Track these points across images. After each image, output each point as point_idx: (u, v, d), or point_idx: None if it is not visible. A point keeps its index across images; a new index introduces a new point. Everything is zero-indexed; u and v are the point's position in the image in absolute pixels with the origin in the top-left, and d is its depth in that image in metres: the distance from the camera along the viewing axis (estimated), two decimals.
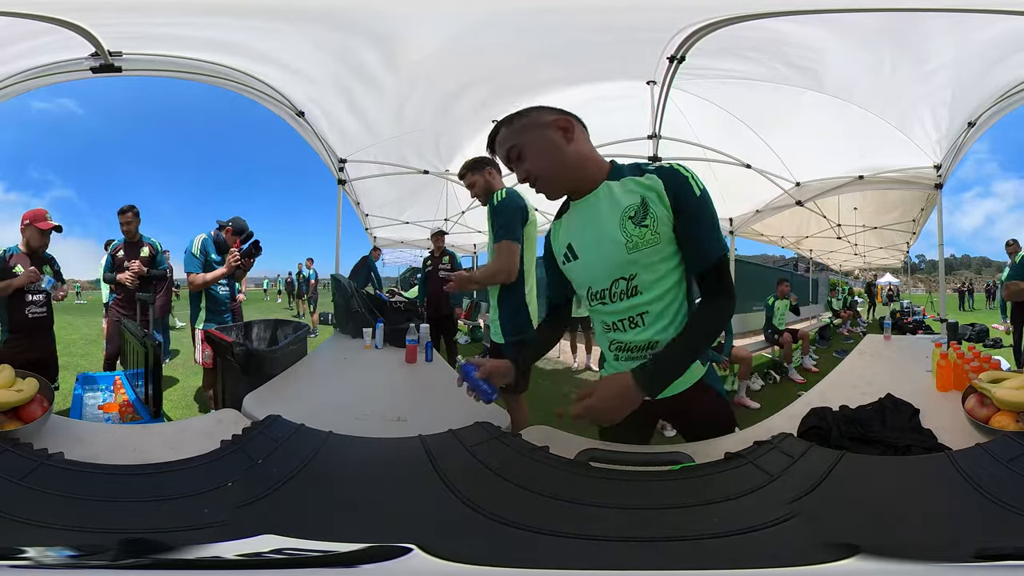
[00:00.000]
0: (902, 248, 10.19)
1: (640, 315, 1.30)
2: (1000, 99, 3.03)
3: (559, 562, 0.85)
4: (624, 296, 1.29)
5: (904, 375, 2.51)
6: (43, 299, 3.31)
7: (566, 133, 1.30)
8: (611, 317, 1.34)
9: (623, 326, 1.32)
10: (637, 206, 1.24)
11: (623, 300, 1.30)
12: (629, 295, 1.29)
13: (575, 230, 1.37)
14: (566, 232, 1.40)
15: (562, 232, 1.42)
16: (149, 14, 2.39)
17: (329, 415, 1.57)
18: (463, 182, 2.70)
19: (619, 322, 1.32)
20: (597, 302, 1.35)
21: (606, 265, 1.30)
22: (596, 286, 1.33)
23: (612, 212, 1.27)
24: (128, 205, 4.04)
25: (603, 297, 1.32)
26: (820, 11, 2.31)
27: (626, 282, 1.28)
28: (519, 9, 2.49)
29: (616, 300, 1.30)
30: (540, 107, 1.34)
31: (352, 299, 3.82)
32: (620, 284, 1.29)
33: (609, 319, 1.34)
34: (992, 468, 1.05)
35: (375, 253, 7.33)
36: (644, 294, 1.28)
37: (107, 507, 1.01)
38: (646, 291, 1.28)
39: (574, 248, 1.37)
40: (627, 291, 1.29)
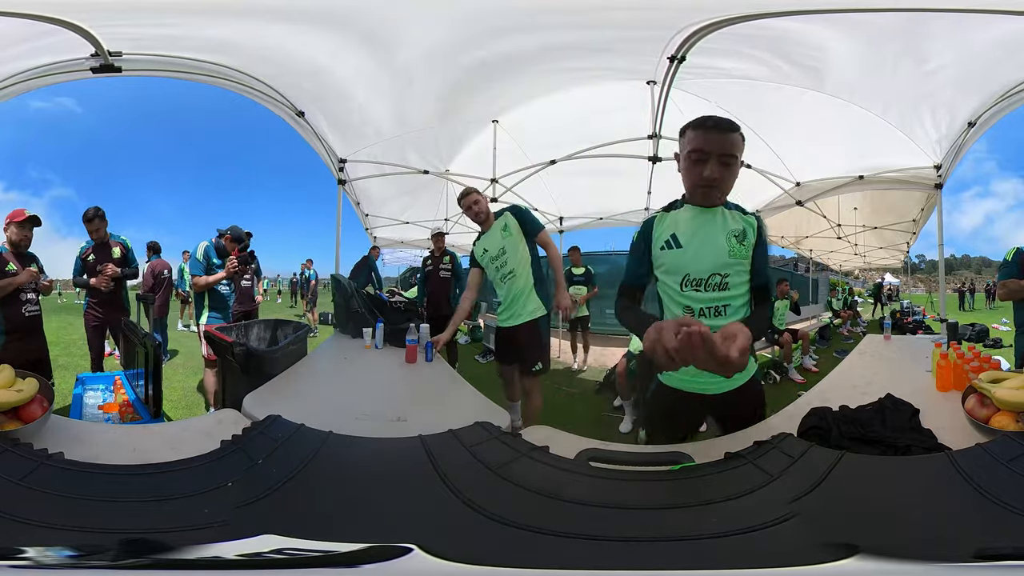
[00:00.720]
0: (902, 248, 10.19)
1: (724, 306, 1.62)
2: (1000, 99, 3.03)
3: (559, 562, 0.85)
4: (716, 289, 1.62)
5: (904, 375, 2.51)
6: (36, 297, 3.31)
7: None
8: (701, 304, 1.63)
9: (709, 313, 1.61)
10: (741, 230, 1.64)
11: (715, 291, 1.61)
12: (720, 288, 1.61)
13: (686, 227, 1.66)
14: (672, 224, 1.69)
15: (668, 223, 1.70)
16: (149, 14, 2.39)
17: (329, 415, 1.57)
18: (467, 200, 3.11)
19: (707, 309, 1.62)
20: (692, 289, 1.63)
21: (711, 261, 1.62)
22: (694, 275, 1.63)
23: (724, 227, 1.64)
24: (93, 209, 3.92)
25: (699, 285, 1.63)
26: (820, 11, 2.31)
27: (720, 278, 1.61)
28: (519, 9, 2.49)
29: (710, 290, 1.62)
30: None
31: (352, 299, 3.82)
32: (715, 278, 1.62)
33: (698, 305, 1.63)
34: (992, 468, 1.05)
35: (374, 252, 7.32)
36: (730, 291, 1.62)
37: (107, 507, 1.01)
38: (732, 289, 1.62)
39: (678, 238, 1.66)
40: (720, 285, 1.61)
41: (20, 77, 2.64)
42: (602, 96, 3.65)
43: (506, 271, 3.02)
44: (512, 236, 2.99)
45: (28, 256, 3.34)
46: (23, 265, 3.25)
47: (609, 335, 7.66)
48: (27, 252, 3.34)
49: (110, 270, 3.85)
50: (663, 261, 1.68)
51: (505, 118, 4.31)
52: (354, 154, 4.58)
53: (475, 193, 3.16)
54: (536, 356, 2.96)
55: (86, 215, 3.92)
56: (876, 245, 9.87)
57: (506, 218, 3.03)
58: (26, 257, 3.32)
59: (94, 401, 3.01)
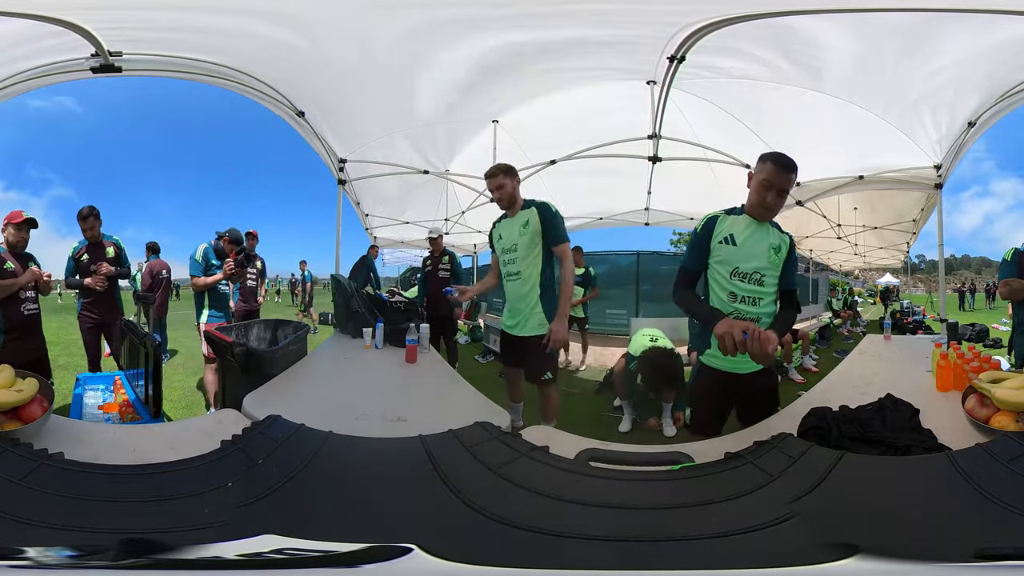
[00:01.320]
0: (902, 248, 10.19)
1: (758, 298, 2.04)
2: (1000, 99, 3.03)
3: (559, 562, 0.85)
4: (755, 283, 2.04)
5: (904, 375, 2.51)
6: (36, 296, 3.30)
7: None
8: (742, 292, 2.04)
9: (745, 301, 2.04)
10: (778, 245, 2.11)
11: (753, 284, 2.04)
12: (757, 284, 2.04)
13: (741, 231, 2.08)
14: (732, 226, 2.09)
15: (728, 224, 2.10)
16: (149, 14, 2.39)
17: (329, 415, 1.57)
18: (490, 182, 2.84)
19: (744, 297, 2.04)
20: (738, 279, 2.04)
21: (755, 261, 2.04)
22: (742, 268, 2.04)
23: (767, 239, 2.09)
24: (88, 208, 3.91)
25: (743, 277, 2.04)
26: (820, 11, 2.31)
27: (760, 276, 2.04)
28: (520, 10, 2.49)
29: (750, 283, 2.04)
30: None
31: (352, 299, 3.82)
32: (756, 275, 2.04)
33: (740, 292, 2.04)
34: (992, 468, 1.05)
35: (373, 251, 7.32)
36: (764, 287, 2.05)
37: (107, 507, 1.01)
38: (765, 286, 2.05)
39: (735, 238, 2.06)
40: (758, 281, 2.04)
41: (20, 77, 2.65)
42: (602, 96, 3.65)
43: (512, 270, 2.82)
44: (528, 235, 2.74)
45: (25, 256, 3.34)
46: (21, 264, 3.24)
47: (609, 335, 7.66)
48: (23, 253, 3.34)
49: (104, 268, 3.83)
50: (720, 253, 2.07)
51: (505, 118, 4.31)
52: (354, 154, 4.58)
53: (501, 175, 2.80)
54: (543, 367, 2.76)
55: (80, 213, 3.90)
56: (876, 245, 9.87)
57: (531, 214, 2.75)
58: (23, 258, 3.32)
59: (94, 401, 3.01)
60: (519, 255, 2.77)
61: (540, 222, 2.72)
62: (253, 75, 3.15)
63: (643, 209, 6.24)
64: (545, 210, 2.74)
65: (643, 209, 6.24)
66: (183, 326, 8.30)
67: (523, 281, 2.76)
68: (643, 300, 8.47)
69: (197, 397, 4.64)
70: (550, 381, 2.77)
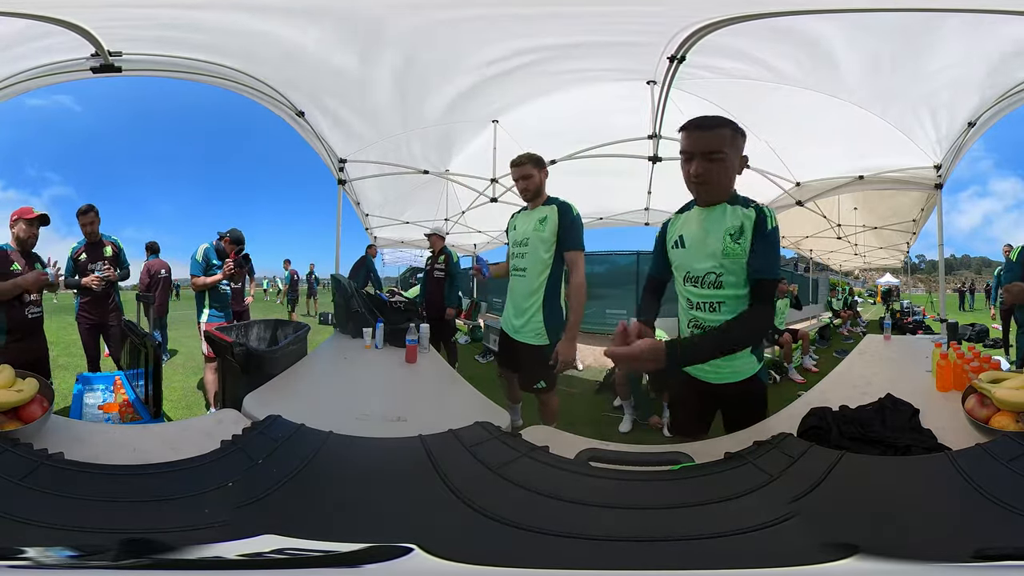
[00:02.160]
0: (902, 248, 10.19)
1: (718, 303, 1.70)
2: (1000, 99, 3.03)
3: (559, 562, 0.85)
4: (711, 286, 1.70)
5: (904, 375, 2.51)
6: (40, 299, 3.29)
7: (741, 167, 1.72)
8: (698, 298, 1.74)
9: (704, 307, 1.72)
10: (738, 229, 1.66)
11: (710, 288, 1.70)
12: (715, 286, 1.69)
13: (690, 227, 1.76)
14: (682, 226, 1.80)
15: (679, 225, 1.82)
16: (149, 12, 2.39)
17: (329, 415, 1.57)
18: (517, 171, 2.66)
19: (703, 303, 1.72)
20: (691, 284, 1.75)
21: (707, 260, 1.70)
22: (693, 272, 1.74)
23: (721, 226, 1.68)
24: (88, 205, 3.91)
25: (696, 282, 1.73)
26: (820, 11, 2.31)
27: (715, 275, 1.69)
28: (519, 10, 2.49)
29: (706, 287, 1.71)
30: (738, 126, 1.67)
31: (352, 299, 3.82)
32: (711, 276, 1.70)
33: (695, 299, 1.75)
34: (992, 468, 1.05)
35: (371, 250, 7.31)
36: (725, 289, 1.68)
37: (107, 507, 1.01)
38: (727, 287, 1.68)
39: (684, 239, 1.77)
40: (715, 283, 1.69)
41: (20, 77, 2.64)
42: (602, 96, 3.65)
43: (519, 264, 2.69)
44: (543, 234, 2.58)
45: (32, 256, 3.33)
46: (29, 264, 3.23)
47: (609, 335, 7.65)
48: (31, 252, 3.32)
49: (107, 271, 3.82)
50: (673, 259, 1.84)
51: (505, 118, 4.31)
52: (354, 154, 4.58)
53: (529, 165, 2.63)
54: (538, 375, 2.64)
55: (80, 210, 3.90)
56: (876, 245, 9.87)
57: (551, 211, 2.60)
58: (30, 257, 3.30)
59: (94, 401, 3.01)
60: (528, 251, 2.64)
61: (559, 222, 2.57)
62: (253, 75, 3.15)
63: (643, 209, 6.24)
64: (566, 211, 2.58)
65: (643, 209, 6.24)
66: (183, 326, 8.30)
67: (528, 280, 2.65)
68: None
69: (197, 397, 4.65)
70: (544, 390, 2.68)
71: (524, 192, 2.68)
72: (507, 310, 2.83)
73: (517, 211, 2.85)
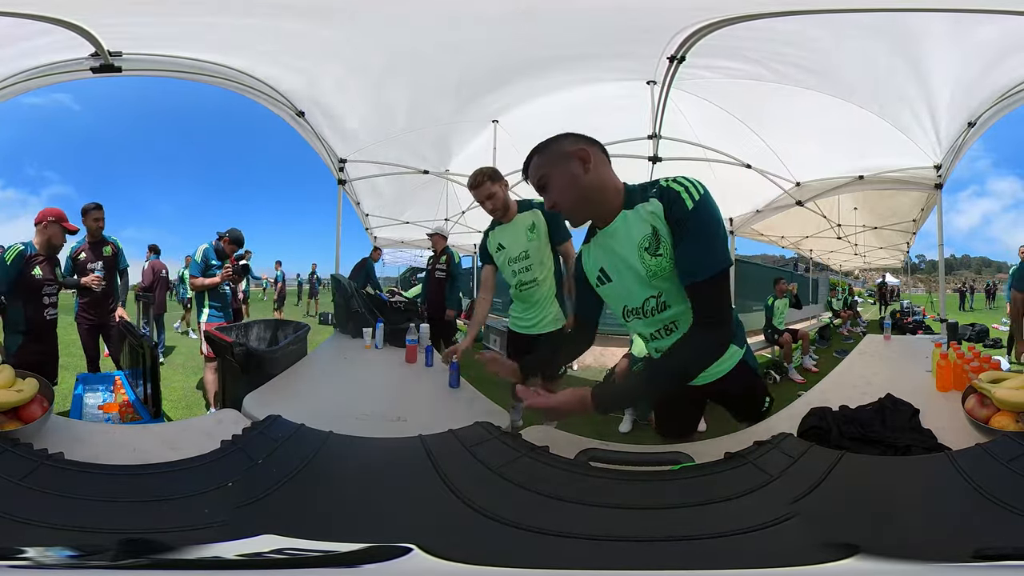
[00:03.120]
0: (902, 248, 10.19)
1: (673, 323, 1.44)
2: (1000, 99, 3.03)
3: (559, 562, 0.85)
4: (655, 312, 1.43)
5: (904, 375, 2.51)
6: (56, 300, 3.31)
7: (584, 164, 1.36)
8: (649, 329, 1.49)
9: (661, 334, 1.48)
10: (650, 237, 1.33)
11: (656, 315, 1.44)
12: (660, 310, 1.43)
13: (604, 256, 1.48)
14: (596, 256, 1.51)
15: (592, 256, 1.53)
16: (149, 14, 2.39)
17: (329, 415, 1.57)
18: (477, 192, 2.62)
19: (657, 332, 1.48)
20: (635, 317, 1.49)
21: (635, 289, 1.43)
22: (631, 305, 1.48)
23: (630, 243, 1.37)
24: (95, 203, 3.84)
25: (638, 314, 1.46)
26: (820, 11, 2.31)
27: (656, 299, 1.42)
28: (519, 9, 2.49)
29: (650, 315, 1.45)
30: (563, 136, 1.41)
31: (352, 299, 3.82)
32: (651, 302, 1.43)
33: (647, 331, 1.50)
34: (992, 468, 1.05)
35: (375, 253, 7.32)
36: (673, 307, 1.41)
37: (107, 507, 1.01)
38: (674, 304, 1.40)
39: (607, 272, 1.49)
40: (657, 307, 1.43)
41: (20, 77, 2.65)
42: (602, 96, 3.65)
43: (527, 279, 2.67)
44: (539, 240, 2.61)
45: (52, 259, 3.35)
46: (49, 266, 3.25)
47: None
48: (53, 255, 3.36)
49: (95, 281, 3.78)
50: (604, 297, 1.57)
51: (505, 118, 4.31)
52: (354, 154, 4.58)
53: (488, 183, 2.58)
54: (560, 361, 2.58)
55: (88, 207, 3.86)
56: (876, 245, 9.87)
57: (534, 216, 2.61)
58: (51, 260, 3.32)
59: (94, 401, 3.01)
60: (533, 262, 2.63)
61: (547, 223, 2.60)
62: (253, 75, 3.15)
63: None
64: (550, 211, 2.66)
65: None
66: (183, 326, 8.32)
67: (541, 285, 2.66)
68: None
69: (197, 397, 4.64)
70: (560, 377, 2.66)
71: (495, 211, 2.63)
72: (520, 316, 2.80)
73: (488, 229, 2.76)
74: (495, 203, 2.59)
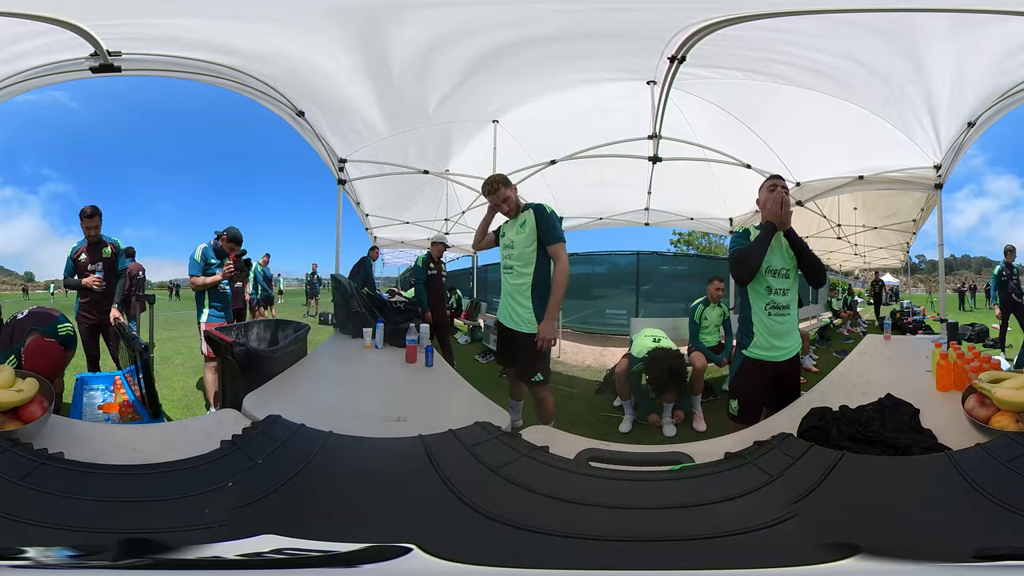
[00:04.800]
0: (902, 248, 10.19)
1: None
2: (1000, 99, 3.02)
3: (559, 562, 0.85)
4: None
5: (904, 375, 2.51)
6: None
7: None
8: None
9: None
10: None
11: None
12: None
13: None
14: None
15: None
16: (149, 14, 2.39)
17: (329, 415, 1.57)
18: (494, 197, 2.94)
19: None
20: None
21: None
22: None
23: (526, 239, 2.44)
24: (92, 207, 3.89)
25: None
26: (820, 11, 2.31)
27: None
28: (520, 10, 2.49)
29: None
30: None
31: (352, 299, 3.82)
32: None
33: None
34: (992, 468, 1.05)
35: (373, 252, 7.31)
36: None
37: (107, 507, 1.01)
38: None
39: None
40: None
41: (19, 77, 2.64)
42: (602, 96, 3.65)
43: (507, 264, 2.97)
44: (524, 235, 2.88)
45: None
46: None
47: (609, 335, 7.65)
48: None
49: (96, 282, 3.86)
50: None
51: (505, 118, 4.31)
52: (354, 154, 4.58)
53: (503, 188, 2.91)
54: (533, 367, 2.82)
55: (84, 212, 3.89)
56: (876, 245, 9.87)
57: (528, 215, 2.90)
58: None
59: (94, 401, 3.00)
60: (515, 252, 2.93)
61: (536, 222, 2.86)
62: (253, 75, 3.15)
63: (643, 209, 6.24)
64: (540, 211, 2.87)
65: (643, 209, 6.24)
66: (183, 326, 8.31)
67: (516, 275, 2.92)
68: (643, 300, 8.46)
69: (197, 397, 4.64)
70: (541, 383, 2.82)
71: (508, 212, 2.99)
72: (500, 303, 3.08)
73: (504, 222, 3.14)
74: (508, 205, 2.94)
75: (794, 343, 2.37)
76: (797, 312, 2.42)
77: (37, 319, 2.75)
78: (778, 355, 2.31)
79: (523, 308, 2.86)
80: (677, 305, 7.09)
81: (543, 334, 2.76)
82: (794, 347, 2.37)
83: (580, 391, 5.05)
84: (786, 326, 2.34)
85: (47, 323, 2.73)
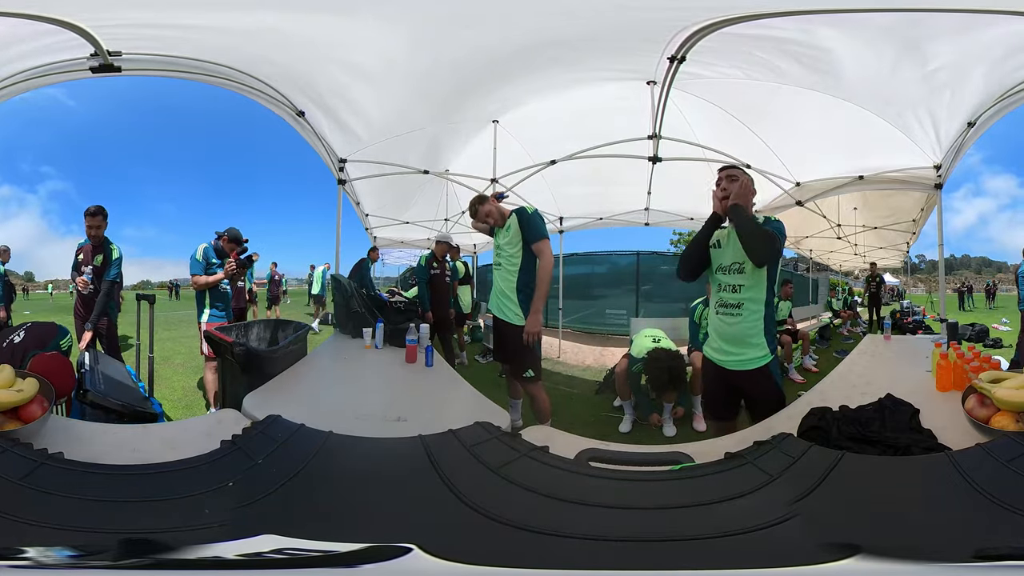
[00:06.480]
0: (902, 248, 10.19)
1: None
2: (1000, 99, 3.02)
3: (559, 562, 0.85)
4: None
5: (904, 375, 2.51)
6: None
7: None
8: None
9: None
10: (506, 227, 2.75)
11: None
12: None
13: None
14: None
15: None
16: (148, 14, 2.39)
17: (329, 415, 1.57)
18: (476, 219, 3.21)
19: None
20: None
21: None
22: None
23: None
24: (97, 207, 3.86)
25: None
26: (821, 11, 2.31)
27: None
28: (520, 10, 2.49)
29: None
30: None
31: (352, 299, 3.82)
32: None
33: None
34: (992, 468, 1.05)
35: (373, 253, 7.31)
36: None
37: (107, 507, 1.01)
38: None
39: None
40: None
41: (19, 77, 2.64)
42: (602, 96, 3.65)
43: (496, 262, 3.20)
44: (510, 236, 3.07)
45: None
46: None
47: (609, 335, 7.66)
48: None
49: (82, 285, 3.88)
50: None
51: (505, 118, 4.31)
52: (354, 154, 4.58)
53: (481, 208, 3.18)
54: (524, 363, 2.94)
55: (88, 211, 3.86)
56: (876, 245, 9.87)
57: (512, 219, 3.09)
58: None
59: None
60: (502, 250, 3.15)
61: (519, 225, 3.04)
62: (253, 75, 3.15)
63: (643, 209, 6.24)
64: (522, 213, 3.07)
65: (643, 209, 6.24)
66: (183, 326, 8.31)
67: (503, 272, 3.11)
68: (643, 300, 8.47)
69: (197, 397, 4.64)
70: (533, 379, 2.95)
71: (496, 224, 3.20)
72: (491, 297, 3.26)
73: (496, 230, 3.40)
74: (494, 218, 3.18)
75: (751, 354, 2.07)
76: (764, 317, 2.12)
77: (37, 340, 2.58)
78: (728, 361, 2.12)
79: (512, 303, 3.02)
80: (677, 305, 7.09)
81: (529, 328, 2.89)
82: (753, 359, 2.07)
83: (580, 391, 5.04)
84: (736, 329, 2.09)
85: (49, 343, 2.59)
